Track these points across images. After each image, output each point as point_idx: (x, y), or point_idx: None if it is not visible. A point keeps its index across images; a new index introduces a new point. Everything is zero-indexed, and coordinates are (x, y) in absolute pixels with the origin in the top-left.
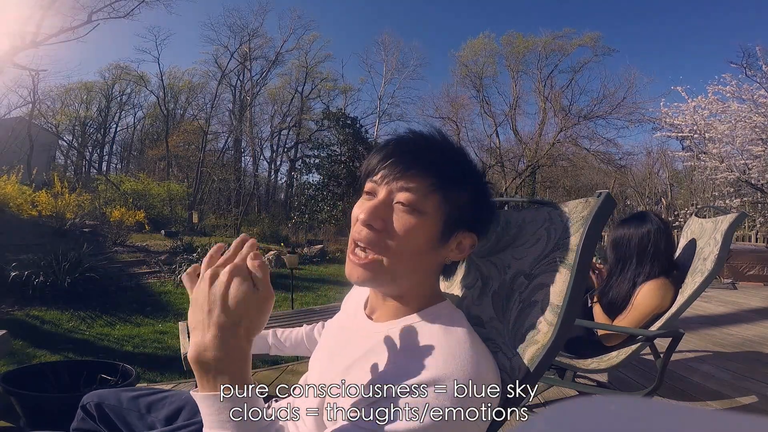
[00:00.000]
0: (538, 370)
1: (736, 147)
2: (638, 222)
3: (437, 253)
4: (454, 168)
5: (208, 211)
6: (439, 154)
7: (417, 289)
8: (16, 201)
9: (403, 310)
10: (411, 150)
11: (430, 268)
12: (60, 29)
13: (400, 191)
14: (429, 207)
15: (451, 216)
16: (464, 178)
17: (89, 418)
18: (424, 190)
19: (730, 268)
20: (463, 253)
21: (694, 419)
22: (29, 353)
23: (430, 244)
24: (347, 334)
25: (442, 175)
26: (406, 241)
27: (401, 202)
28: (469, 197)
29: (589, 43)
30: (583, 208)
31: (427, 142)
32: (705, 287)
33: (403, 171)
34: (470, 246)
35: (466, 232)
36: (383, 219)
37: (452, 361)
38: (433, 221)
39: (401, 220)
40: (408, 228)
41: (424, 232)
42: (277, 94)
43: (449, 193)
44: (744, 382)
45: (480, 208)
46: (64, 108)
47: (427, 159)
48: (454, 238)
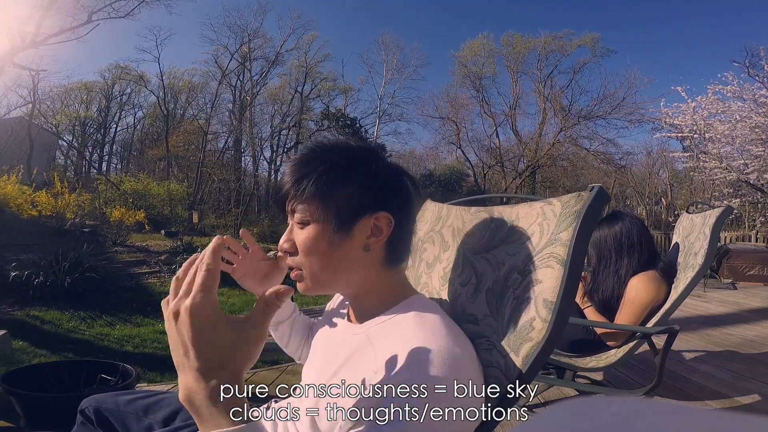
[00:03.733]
0: (534, 367)
1: (736, 147)
2: (611, 221)
3: (346, 246)
4: (324, 169)
5: (208, 211)
6: (307, 164)
7: (367, 285)
8: (16, 201)
9: (377, 308)
10: (288, 175)
11: (354, 262)
12: (60, 29)
13: (292, 213)
14: (313, 214)
15: (341, 209)
16: (338, 172)
17: (88, 423)
18: (305, 203)
19: (730, 268)
20: (383, 233)
21: (694, 419)
22: (29, 353)
23: (331, 243)
24: (333, 340)
25: (312, 182)
26: (308, 251)
27: (296, 222)
28: (352, 185)
29: (589, 43)
30: (575, 202)
31: (297, 162)
32: (697, 281)
33: (289, 197)
34: (387, 224)
35: (372, 214)
36: (292, 242)
37: (426, 353)
38: (323, 223)
39: (299, 236)
40: (305, 241)
41: (319, 237)
42: (277, 94)
43: (326, 193)
44: (744, 382)
45: (370, 189)
46: (64, 108)
47: (297, 175)
48: (357, 227)
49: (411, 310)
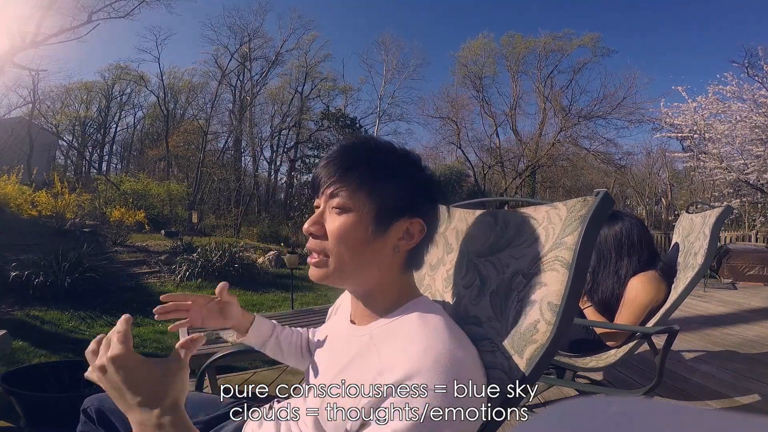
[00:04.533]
0: (537, 370)
1: (736, 147)
2: (611, 221)
3: (379, 243)
4: (377, 164)
5: (208, 211)
6: (359, 155)
7: (382, 285)
8: (16, 201)
9: (381, 310)
10: (334, 160)
11: (381, 260)
12: (60, 29)
13: (330, 198)
14: (356, 204)
15: (382, 207)
16: (389, 170)
17: (90, 422)
18: (349, 190)
19: (730, 268)
20: (414, 239)
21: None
22: (29, 353)
23: (367, 236)
24: (336, 342)
25: (363, 172)
26: (341, 239)
27: (332, 206)
28: (399, 186)
29: (589, 43)
30: (581, 207)
31: (347, 149)
32: (697, 281)
33: (330, 180)
34: (419, 231)
35: (409, 219)
36: (321, 225)
37: (429, 356)
38: (363, 215)
39: (334, 222)
40: (340, 227)
41: (356, 227)
42: (277, 94)
43: (375, 187)
44: (744, 382)
45: (413, 194)
46: (64, 108)
47: (347, 163)
48: (394, 227)
49: (415, 312)
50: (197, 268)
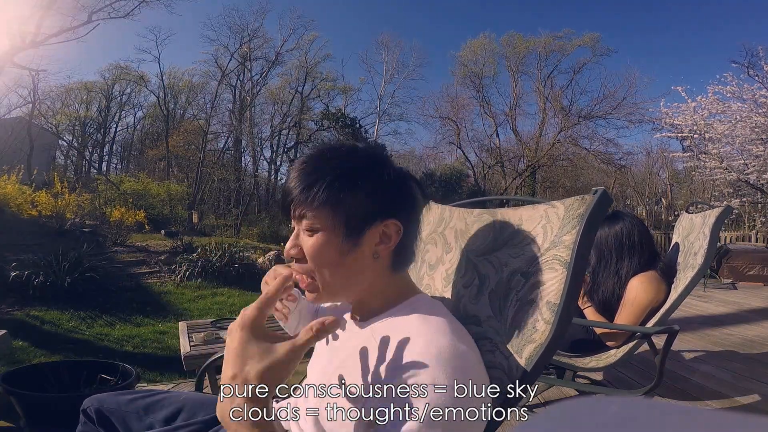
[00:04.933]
0: (536, 369)
1: (736, 147)
2: (611, 221)
3: (355, 254)
4: (336, 176)
5: (208, 211)
6: (318, 169)
7: (373, 290)
8: (16, 201)
9: (381, 307)
10: (296, 179)
11: (363, 269)
12: (60, 29)
13: (300, 220)
14: (323, 222)
15: (350, 218)
16: (350, 179)
17: (90, 422)
18: (313, 209)
19: (730, 268)
20: (392, 239)
21: (694, 419)
22: (29, 353)
23: (341, 251)
24: (337, 340)
25: (323, 188)
26: (318, 259)
27: (304, 228)
28: (364, 193)
29: (589, 43)
30: (579, 205)
31: (306, 164)
32: (697, 281)
33: (295, 202)
34: (396, 232)
35: (381, 222)
36: (299, 248)
37: (431, 352)
38: (333, 231)
39: (307, 243)
40: (313, 248)
41: (328, 246)
42: (277, 94)
43: (338, 200)
44: (744, 382)
45: (381, 196)
46: (64, 108)
47: (307, 181)
48: (367, 235)
49: (415, 309)
50: (197, 268)
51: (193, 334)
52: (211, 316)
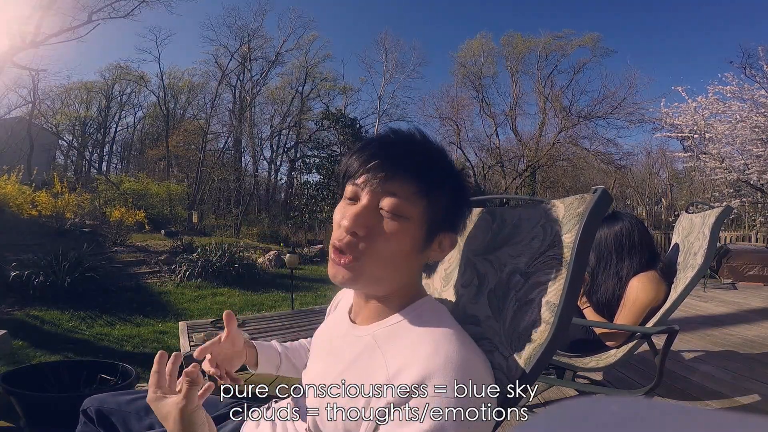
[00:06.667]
0: (536, 369)
1: (736, 147)
2: (611, 221)
3: (420, 255)
4: (437, 171)
5: (208, 211)
6: (423, 157)
7: (401, 290)
8: (16, 201)
9: (386, 310)
10: (394, 153)
11: (412, 269)
12: (60, 29)
13: (384, 197)
14: (414, 212)
15: (434, 219)
16: (445, 180)
17: (90, 422)
18: (409, 195)
19: (730, 268)
20: (444, 252)
21: (694, 419)
22: (29, 353)
23: (414, 248)
24: (336, 342)
25: (426, 180)
26: (391, 247)
27: (387, 208)
28: (449, 199)
29: (589, 43)
30: (578, 204)
31: (410, 145)
32: (697, 281)
33: (387, 176)
34: (450, 245)
35: (447, 233)
36: (367, 226)
37: (440, 357)
38: (418, 226)
39: (386, 226)
40: (393, 234)
41: (409, 237)
42: (277, 94)
43: (432, 198)
44: (744, 382)
45: (459, 208)
46: (64, 108)
47: (411, 163)
48: (436, 240)
49: (421, 313)
50: (197, 268)
51: (193, 334)
52: (210, 316)
